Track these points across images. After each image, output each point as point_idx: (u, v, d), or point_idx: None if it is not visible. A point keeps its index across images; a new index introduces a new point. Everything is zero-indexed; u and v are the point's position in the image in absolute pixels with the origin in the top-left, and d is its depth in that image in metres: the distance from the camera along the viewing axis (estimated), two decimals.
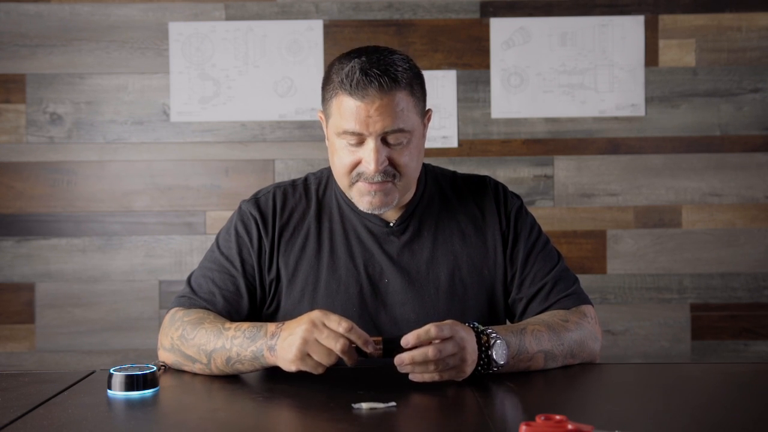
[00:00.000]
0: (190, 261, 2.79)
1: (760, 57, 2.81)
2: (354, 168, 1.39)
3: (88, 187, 2.80)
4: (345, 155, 1.39)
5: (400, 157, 1.38)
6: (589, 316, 1.45)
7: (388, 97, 1.34)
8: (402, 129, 1.36)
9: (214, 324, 1.35)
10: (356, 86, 1.33)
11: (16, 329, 2.80)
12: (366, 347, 1.19)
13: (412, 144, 1.40)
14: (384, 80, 1.33)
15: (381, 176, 1.38)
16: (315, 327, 1.19)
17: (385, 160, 1.37)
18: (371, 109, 1.33)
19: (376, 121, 1.34)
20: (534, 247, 1.51)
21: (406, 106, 1.37)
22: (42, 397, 1.19)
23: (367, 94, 1.33)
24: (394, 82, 1.34)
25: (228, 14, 2.80)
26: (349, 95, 1.34)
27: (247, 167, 2.81)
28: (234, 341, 1.30)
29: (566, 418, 0.91)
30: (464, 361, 1.21)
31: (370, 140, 1.36)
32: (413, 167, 1.42)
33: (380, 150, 1.36)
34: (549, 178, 2.82)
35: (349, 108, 1.35)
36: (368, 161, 1.36)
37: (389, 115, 1.34)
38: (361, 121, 1.34)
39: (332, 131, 1.41)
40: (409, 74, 1.38)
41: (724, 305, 2.81)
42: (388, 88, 1.33)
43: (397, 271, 1.46)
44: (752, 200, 2.82)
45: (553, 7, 2.80)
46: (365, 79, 1.33)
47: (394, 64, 1.36)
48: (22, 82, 2.79)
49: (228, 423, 1.10)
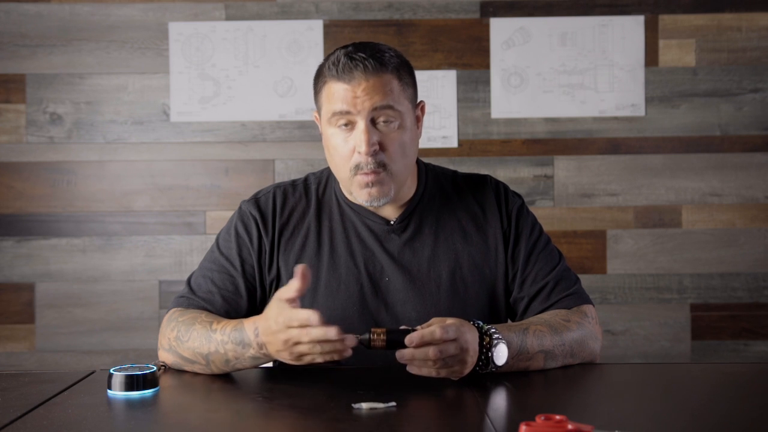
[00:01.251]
0: (190, 261, 2.79)
1: (760, 57, 2.81)
2: (349, 158, 1.40)
3: (88, 187, 2.80)
4: (340, 146, 1.40)
5: (391, 143, 1.39)
6: (589, 316, 1.45)
7: (375, 78, 1.37)
8: (391, 106, 1.38)
9: (204, 326, 1.34)
10: (342, 70, 1.37)
11: (16, 329, 2.80)
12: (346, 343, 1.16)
13: (403, 129, 1.40)
14: (369, 63, 1.37)
15: (373, 164, 1.38)
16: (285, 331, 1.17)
17: (375, 144, 1.37)
18: (358, 90, 1.36)
19: (364, 100, 1.36)
20: (535, 246, 1.51)
21: (395, 87, 1.39)
22: (42, 397, 1.19)
23: (353, 76, 1.36)
24: (380, 65, 1.38)
25: (228, 14, 2.80)
26: (336, 80, 1.38)
27: (247, 167, 2.81)
28: (226, 346, 1.29)
29: (566, 418, 0.91)
30: (464, 363, 1.21)
31: (360, 121, 1.37)
32: (404, 154, 1.41)
33: (370, 131, 1.37)
34: (549, 178, 2.82)
35: (337, 91, 1.38)
36: (359, 144, 1.37)
37: (377, 93, 1.37)
38: (349, 101, 1.37)
39: (324, 121, 1.42)
40: (396, 61, 1.41)
41: (724, 305, 2.81)
42: (374, 70, 1.37)
43: (398, 270, 1.46)
44: (752, 200, 2.82)
45: (553, 7, 2.80)
46: (350, 62, 1.37)
47: (380, 51, 1.40)
48: (22, 82, 2.79)
49: (228, 423, 1.10)
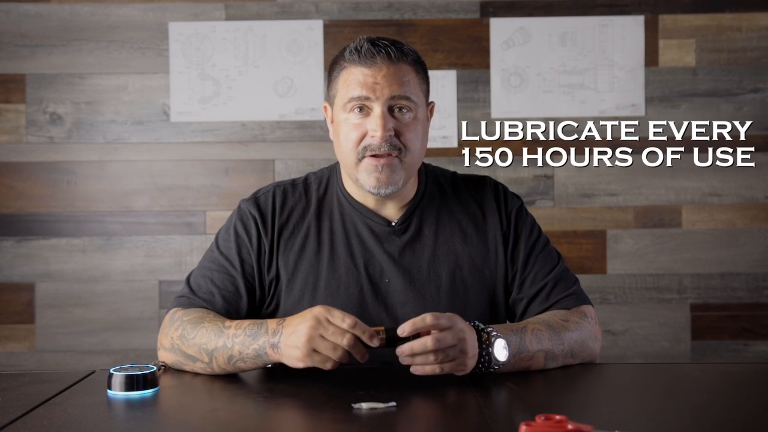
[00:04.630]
0: (190, 261, 2.79)
1: (760, 57, 2.81)
2: (360, 141, 1.40)
3: (88, 187, 2.80)
4: (351, 130, 1.41)
5: (407, 131, 1.40)
6: (589, 316, 1.45)
7: (396, 66, 1.39)
8: (408, 97, 1.39)
9: (215, 323, 1.35)
10: (365, 55, 1.39)
11: (16, 329, 2.80)
12: (371, 342, 1.19)
13: (417, 121, 1.42)
14: (392, 50, 1.39)
15: (387, 146, 1.38)
16: (319, 324, 1.20)
17: (391, 129, 1.39)
18: (378, 76, 1.38)
19: (383, 87, 1.38)
20: (534, 247, 1.51)
21: (412, 79, 1.41)
22: (42, 397, 1.19)
23: (375, 62, 1.38)
24: (402, 54, 1.40)
25: (228, 14, 2.80)
26: (358, 64, 1.39)
27: (247, 167, 2.81)
28: (235, 339, 1.30)
29: (566, 418, 0.91)
30: (464, 353, 1.21)
31: (377, 107, 1.38)
32: (418, 146, 1.43)
33: (386, 117, 1.38)
34: (549, 178, 2.82)
35: (357, 76, 1.39)
36: (375, 129, 1.38)
37: (396, 82, 1.38)
38: (369, 86, 1.38)
39: (339, 107, 1.43)
40: (415, 56, 1.45)
41: (724, 305, 2.81)
42: (396, 58, 1.39)
43: (398, 271, 1.46)
44: (752, 200, 2.82)
45: (553, 7, 2.80)
46: (374, 48, 1.39)
47: (400, 43, 1.43)
48: (22, 82, 2.79)
49: (228, 423, 1.10)
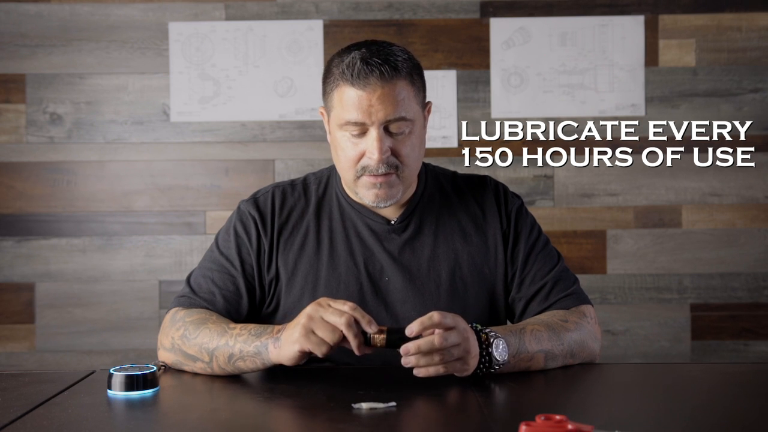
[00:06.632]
0: (190, 261, 2.79)
1: (760, 57, 2.81)
2: (358, 161, 1.39)
3: (88, 187, 2.80)
4: (348, 148, 1.39)
5: (403, 147, 1.39)
6: (588, 316, 1.45)
7: (390, 85, 1.35)
8: (404, 117, 1.37)
9: (218, 324, 1.35)
10: (357, 75, 1.34)
11: (16, 329, 2.80)
12: (369, 327, 1.19)
13: (414, 134, 1.40)
14: (385, 69, 1.34)
15: (385, 167, 1.38)
16: (320, 306, 1.22)
17: (387, 150, 1.37)
18: (373, 98, 1.34)
19: (378, 110, 1.35)
20: (534, 247, 1.51)
21: (408, 95, 1.38)
22: (42, 397, 1.19)
23: (368, 83, 1.34)
24: (395, 71, 1.35)
25: (228, 14, 2.80)
26: (351, 85, 1.35)
27: (247, 167, 2.81)
28: (238, 338, 1.30)
29: (566, 418, 0.91)
30: (468, 353, 1.21)
31: (373, 130, 1.36)
32: (415, 157, 1.42)
33: (383, 139, 1.36)
34: (549, 178, 2.82)
35: (351, 98, 1.36)
36: (371, 151, 1.37)
37: (391, 104, 1.35)
38: (364, 110, 1.35)
39: (334, 124, 1.41)
40: (409, 64, 1.40)
41: (724, 305, 2.81)
42: (390, 77, 1.35)
43: (398, 269, 1.46)
44: (752, 200, 2.82)
45: (553, 7, 2.80)
46: (366, 68, 1.34)
47: (393, 54, 1.38)
48: (22, 82, 2.79)
49: (228, 423, 1.10)
